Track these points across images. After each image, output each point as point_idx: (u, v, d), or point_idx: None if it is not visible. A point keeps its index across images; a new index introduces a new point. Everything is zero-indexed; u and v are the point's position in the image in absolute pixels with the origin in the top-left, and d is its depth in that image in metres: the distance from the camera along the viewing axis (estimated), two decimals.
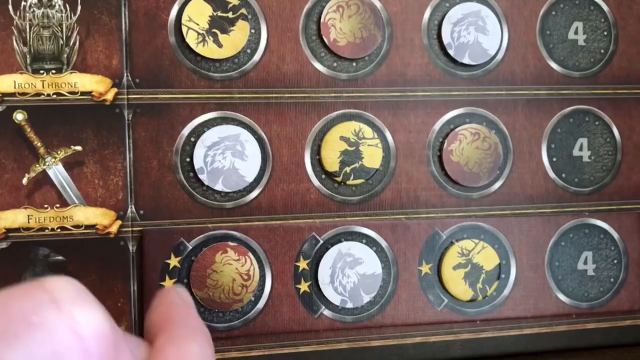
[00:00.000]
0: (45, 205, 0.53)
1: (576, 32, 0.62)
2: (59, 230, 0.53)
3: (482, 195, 0.60)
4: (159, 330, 0.29)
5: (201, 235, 0.55)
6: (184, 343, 0.28)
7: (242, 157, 0.56)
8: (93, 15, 0.53)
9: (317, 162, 0.57)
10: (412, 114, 0.59)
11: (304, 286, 0.57)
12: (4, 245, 0.52)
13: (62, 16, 0.53)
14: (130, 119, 0.54)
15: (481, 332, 0.59)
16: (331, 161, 0.57)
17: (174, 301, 0.31)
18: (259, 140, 0.56)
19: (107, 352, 0.24)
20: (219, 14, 0.55)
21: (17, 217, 0.52)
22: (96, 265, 0.53)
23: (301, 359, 0.57)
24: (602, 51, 0.63)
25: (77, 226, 0.53)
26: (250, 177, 0.56)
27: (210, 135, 0.55)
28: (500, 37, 0.60)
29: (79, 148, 0.53)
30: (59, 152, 0.53)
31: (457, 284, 0.59)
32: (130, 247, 0.54)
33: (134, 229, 0.54)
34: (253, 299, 0.56)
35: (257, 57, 0.56)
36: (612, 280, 0.62)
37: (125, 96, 0.54)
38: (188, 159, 0.55)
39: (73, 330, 0.22)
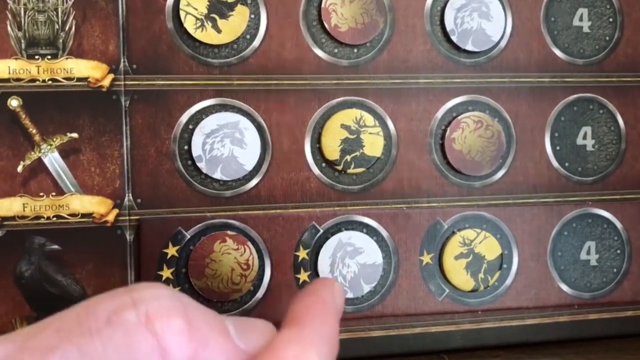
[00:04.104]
0: (41, 194, 0.52)
1: (581, 19, 0.61)
2: (55, 218, 0.52)
3: (485, 184, 0.59)
4: (291, 323, 0.28)
5: (199, 224, 0.54)
6: (306, 349, 0.27)
7: (241, 145, 0.55)
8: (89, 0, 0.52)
9: (318, 151, 0.56)
10: (414, 102, 0.58)
11: (303, 276, 0.56)
12: None
13: (57, 0, 0.52)
14: (127, 105, 0.53)
15: (483, 323, 0.59)
16: (332, 149, 0.56)
17: (324, 299, 0.30)
18: (259, 128, 0.55)
19: (186, 348, 0.25)
20: None
21: (13, 205, 0.51)
22: (93, 254, 0.53)
23: None
24: (607, 38, 0.62)
25: (74, 215, 0.52)
26: (249, 165, 0.55)
27: (209, 123, 0.54)
28: (504, 24, 0.59)
29: (75, 135, 0.52)
30: (54, 139, 0.52)
31: (459, 274, 0.58)
32: (128, 236, 0.53)
33: (131, 217, 0.53)
34: (252, 288, 0.55)
35: (256, 42, 0.55)
36: (615, 270, 0.62)
37: (122, 82, 0.53)
38: (186, 147, 0.54)
39: (150, 329, 0.25)
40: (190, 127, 0.54)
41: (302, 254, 0.56)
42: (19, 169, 0.52)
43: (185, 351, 0.25)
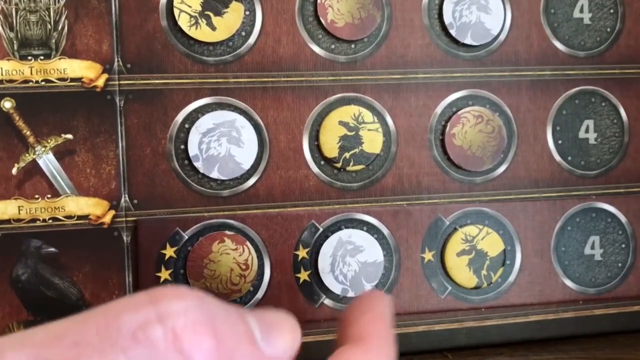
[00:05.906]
0: (36, 196, 0.51)
1: (581, 10, 0.61)
2: (50, 221, 0.52)
3: (486, 179, 0.59)
4: (355, 342, 0.29)
5: (197, 225, 0.53)
6: None
7: (238, 144, 0.54)
8: None
9: (316, 148, 0.56)
10: (413, 97, 0.57)
11: (303, 275, 0.55)
12: None
13: (49, 0, 0.51)
14: (122, 105, 0.53)
15: (486, 320, 0.58)
16: (330, 147, 0.56)
17: (383, 317, 0.31)
18: (256, 126, 0.55)
19: None
20: None
21: (7, 208, 0.51)
22: (90, 256, 0.52)
23: (302, 350, 0.55)
24: (609, 30, 0.61)
25: (70, 217, 0.52)
26: (246, 164, 0.54)
27: (205, 122, 0.53)
28: (503, 17, 0.58)
29: (69, 136, 0.52)
30: (49, 140, 0.51)
31: (461, 271, 0.57)
32: (125, 238, 0.53)
33: (128, 219, 0.53)
34: (252, 289, 0.54)
35: (252, 39, 0.55)
36: (619, 265, 0.61)
37: (117, 82, 0.52)
38: (182, 146, 0.53)
39: (177, 347, 0.23)
40: (186, 126, 0.54)
41: (302, 253, 0.55)
42: (14, 171, 0.51)
43: None
